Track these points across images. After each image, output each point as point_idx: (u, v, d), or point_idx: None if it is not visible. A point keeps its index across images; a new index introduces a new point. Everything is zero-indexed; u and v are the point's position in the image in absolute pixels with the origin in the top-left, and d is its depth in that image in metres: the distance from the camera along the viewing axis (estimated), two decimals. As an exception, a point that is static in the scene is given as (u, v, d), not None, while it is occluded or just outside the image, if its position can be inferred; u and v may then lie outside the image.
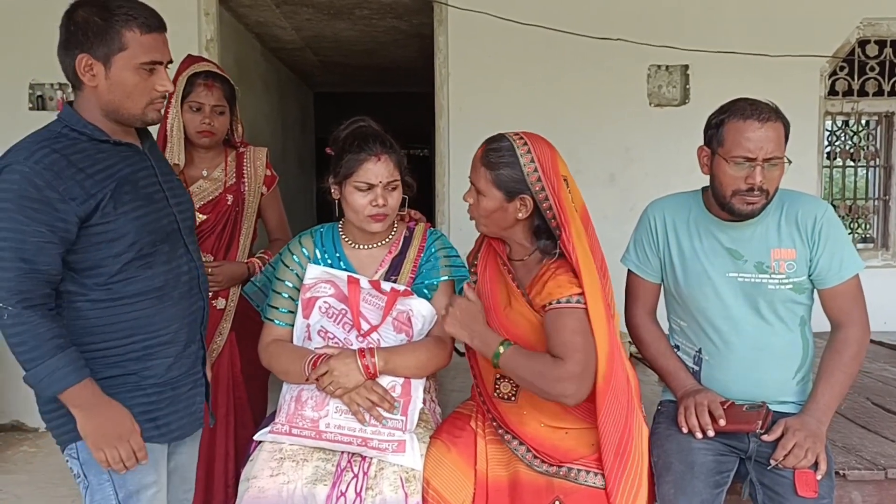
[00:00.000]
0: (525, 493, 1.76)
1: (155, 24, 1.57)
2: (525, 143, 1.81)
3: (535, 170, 1.79)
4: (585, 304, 1.74)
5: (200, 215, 2.38)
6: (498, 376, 1.89)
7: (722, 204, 1.90)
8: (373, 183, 1.86)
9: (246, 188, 2.51)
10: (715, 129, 1.91)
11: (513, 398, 1.87)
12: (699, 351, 2.00)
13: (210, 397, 1.85)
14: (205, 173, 2.46)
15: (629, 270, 2.11)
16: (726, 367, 1.95)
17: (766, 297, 1.91)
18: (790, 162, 1.87)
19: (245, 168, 2.52)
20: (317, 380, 1.79)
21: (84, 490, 1.63)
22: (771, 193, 1.86)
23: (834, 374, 1.88)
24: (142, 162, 1.67)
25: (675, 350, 2.06)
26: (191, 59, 2.45)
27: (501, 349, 1.77)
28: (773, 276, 1.90)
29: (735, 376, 1.94)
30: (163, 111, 1.68)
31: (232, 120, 2.48)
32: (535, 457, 1.80)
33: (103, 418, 1.55)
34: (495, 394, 1.89)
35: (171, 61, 1.64)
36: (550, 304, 1.76)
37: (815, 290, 1.95)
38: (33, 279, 1.49)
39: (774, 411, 1.90)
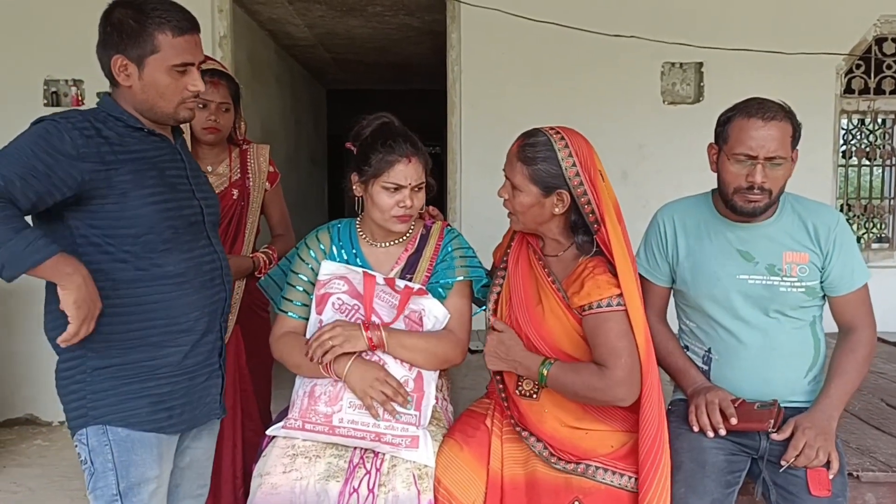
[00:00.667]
0: (543, 493, 1.75)
1: (187, 26, 1.63)
2: (563, 138, 1.80)
3: (574, 164, 1.78)
4: (625, 304, 1.74)
5: None
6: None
7: (726, 202, 1.91)
8: (402, 184, 1.86)
9: (251, 184, 2.56)
10: (722, 126, 1.92)
11: (535, 395, 1.86)
12: (709, 350, 1.99)
13: (224, 388, 1.86)
14: (209, 169, 2.50)
15: (639, 274, 2.10)
16: (736, 366, 1.94)
17: (777, 300, 1.91)
18: (793, 161, 1.86)
19: (249, 164, 2.58)
20: (316, 338, 1.78)
21: (89, 476, 1.65)
22: (774, 193, 1.86)
23: (848, 371, 1.87)
24: (172, 154, 1.73)
25: (685, 350, 2.06)
26: None
27: (545, 370, 1.78)
28: (784, 278, 1.90)
29: (745, 375, 1.93)
30: (195, 110, 1.74)
31: (236, 118, 2.53)
32: (552, 454, 1.80)
33: (92, 284, 1.53)
34: (517, 391, 1.89)
35: (203, 61, 1.69)
36: (591, 306, 1.75)
37: (827, 298, 1.95)
38: (3, 195, 1.46)
39: (787, 408, 1.89)
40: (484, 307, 2.01)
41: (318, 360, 1.79)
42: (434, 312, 1.90)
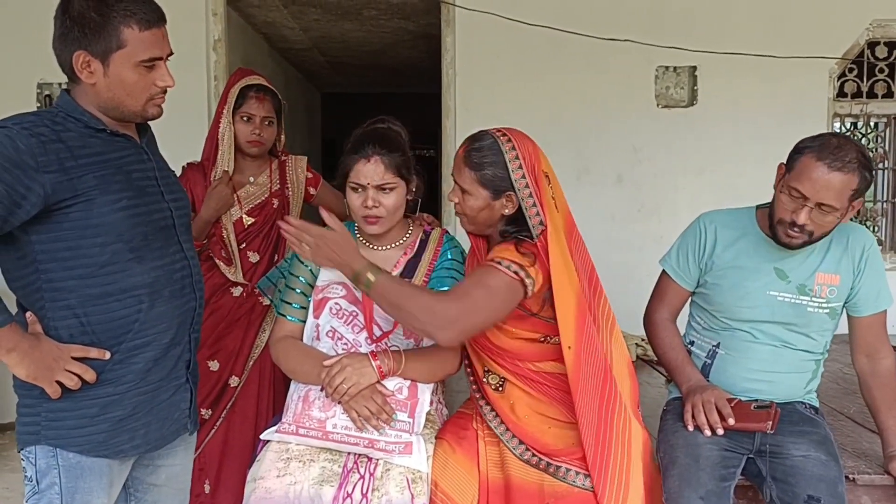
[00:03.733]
0: (517, 497, 1.75)
1: (154, 18, 1.51)
2: (509, 140, 1.78)
3: (520, 166, 1.76)
4: (521, 277, 1.70)
5: (249, 218, 2.54)
6: (486, 368, 1.89)
7: (770, 225, 1.92)
8: (362, 184, 1.85)
9: (290, 193, 2.64)
10: (796, 153, 1.86)
11: (500, 389, 1.87)
12: (717, 345, 2.02)
13: (196, 402, 1.74)
14: (251, 179, 2.58)
15: (664, 271, 2.12)
16: (742, 365, 1.98)
17: (801, 319, 1.95)
18: (853, 210, 1.85)
19: (288, 175, 2.65)
20: (328, 383, 1.77)
21: (31, 493, 1.53)
22: (815, 235, 1.86)
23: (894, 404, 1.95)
24: (138, 154, 1.60)
25: (690, 345, 2.09)
26: (241, 72, 2.59)
27: (371, 277, 1.68)
28: (813, 298, 1.94)
29: (748, 374, 1.97)
30: (163, 105, 1.62)
31: (278, 131, 2.60)
32: (528, 449, 1.79)
33: (38, 351, 1.45)
34: (485, 380, 1.89)
35: (171, 54, 1.56)
36: (490, 260, 1.74)
37: (848, 317, 2.00)
38: None
39: (782, 405, 1.92)
40: None
41: (336, 402, 1.78)
42: None
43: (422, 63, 6.49)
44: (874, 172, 1.90)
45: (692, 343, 2.09)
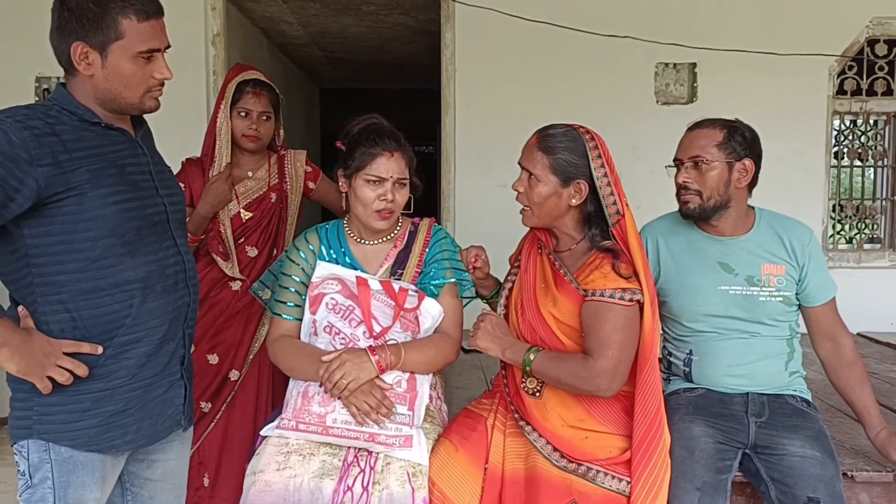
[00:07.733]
0: (542, 490, 1.75)
1: (153, 9, 1.51)
2: (587, 132, 1.85)
3: (599, 156, 1.82)
4: (634, 299, 1.75)
5: (246, 212, 2.54)
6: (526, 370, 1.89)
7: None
8: (384, 177, 1.88)
9: (288, 187, 2.64)
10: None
11: (538, 394, 1.87)
12: (690, 353, 2.05)
13: (191, 398, 1.73)
14: (250, 174, 2.58)
15: None
16: (717, 363, 2.01)
17: (757, 309, 1.99)
18: (746, 171, 1.95)
19: (287, 169, 2.65)
20: (328, 378, 1.77)
21: (24, 487, 1.53)
22: (706, 194, 1.97)
23: (865, 382, 2.01)
24: (132, 148, 1.59)
25: (669, 356, 2.12)
26: (239, 67, 2.61)
27: (531, 356, 1.80)
28: (763, 288, 1.99)
29: (727, 370, 2.00)
30: (161, 99, 1.61)
31: (276, 126, 2.60)
32: (555, 450, 1.80)
33: (29, 347, 1.44)
34: (522, 387, 1.90)
35: (168, 46, 1.56)
36: (593, 292, 1.77)
37: (804, 311, 2.06)
38: None
39: (767, 395, 1.96)
40: (468, 301, 2.06)
41: (336, 397, 1.79)
42: (431, 312, 1.91)
43: (421, 59, 6.48)
44: (756, 139, 2.02)
45: (670, 354, 2.12)
